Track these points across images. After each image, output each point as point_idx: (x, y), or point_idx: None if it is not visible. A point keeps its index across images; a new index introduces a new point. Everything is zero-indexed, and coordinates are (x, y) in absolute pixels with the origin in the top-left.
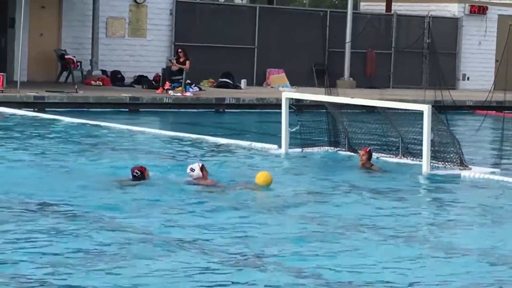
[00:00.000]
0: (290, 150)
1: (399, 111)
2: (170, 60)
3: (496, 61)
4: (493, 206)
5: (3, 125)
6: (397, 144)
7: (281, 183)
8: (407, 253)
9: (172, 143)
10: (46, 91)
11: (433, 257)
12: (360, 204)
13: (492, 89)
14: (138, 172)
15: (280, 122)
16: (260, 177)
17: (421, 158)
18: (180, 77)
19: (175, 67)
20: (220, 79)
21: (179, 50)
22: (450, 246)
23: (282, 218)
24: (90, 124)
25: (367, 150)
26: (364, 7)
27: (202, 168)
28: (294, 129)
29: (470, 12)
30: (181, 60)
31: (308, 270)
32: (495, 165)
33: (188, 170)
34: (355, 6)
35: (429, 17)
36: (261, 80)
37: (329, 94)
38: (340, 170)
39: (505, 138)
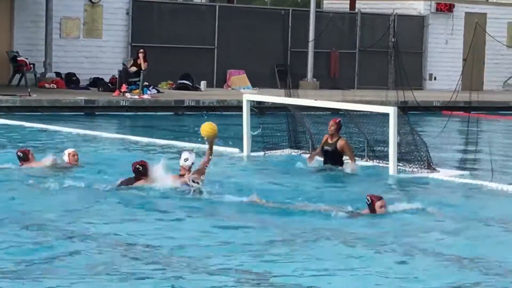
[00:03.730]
0: (252, 154)
1: (365, 113)
2: (123, 64)
3: (464, 60)
4: (461, 208)
5: None
6: (363, 147)
7: (244, 187)
8: (369, 256)
9: (127, 147)
10: None
11: (396, 260)
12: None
13: (458, 89)
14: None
15: (241, 125)
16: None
17: (388, 161)
18: (137, 79)
19: (132, 69)
20: (179, 81)
21: (141, 50)
22: (417, 250)
23: (244, 223)
24: (44, 129)
25: (337, 120)
26: (327, 5)
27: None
28: (256, 132)
29: (437, 10)
30: (139, 62)
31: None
32: (463, 167)
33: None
34: (318, 4)
35: (394, 15)
36: (221, 82)
37: (290, 95)
38: (303, 173)
39: (471, 139)
